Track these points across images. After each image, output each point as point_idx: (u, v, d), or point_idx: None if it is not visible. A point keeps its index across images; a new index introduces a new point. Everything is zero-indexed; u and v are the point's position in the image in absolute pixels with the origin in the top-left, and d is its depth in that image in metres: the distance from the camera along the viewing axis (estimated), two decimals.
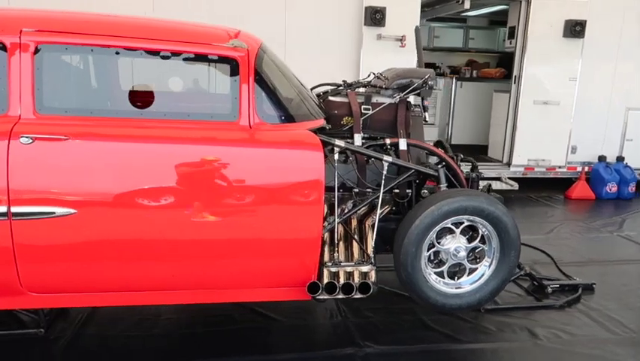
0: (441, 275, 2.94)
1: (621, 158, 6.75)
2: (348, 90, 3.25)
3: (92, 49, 2.33)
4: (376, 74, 3.39)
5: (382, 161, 2.84)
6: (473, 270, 2.97)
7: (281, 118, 2.55)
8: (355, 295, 2.51)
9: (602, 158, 6.69)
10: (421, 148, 3.15)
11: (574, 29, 6.23)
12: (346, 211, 2.89)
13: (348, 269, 2.71)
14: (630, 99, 6.70)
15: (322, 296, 2.48)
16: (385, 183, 2.90)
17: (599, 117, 6.68)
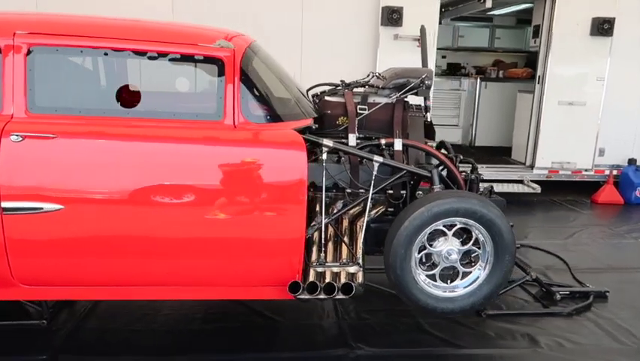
0: (433, 278, 2.89)
1: None
2: (345, 90, 3.23)
3: (82, 50, 2.40)
4: (376, 74, 3.36)
5: (373, 161, 2.81)
6: (467, 273, 2.90)
7: (267, 118, 2.57)
8: (337, 295, 2.49)
9: (632, 161, 6.41)
10: (417, 149, 3.10)
11: (601, 27, 6.00)
12: (335, 211, 2.87)
13: (334, 270, 2.70)
14: None
15: (303, 296, 2.48)
16: (377, 183, 2.87)
17: (629, 118, 6.40)
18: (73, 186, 2.34)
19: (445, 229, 2.82)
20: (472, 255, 2.94)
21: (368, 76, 3.39)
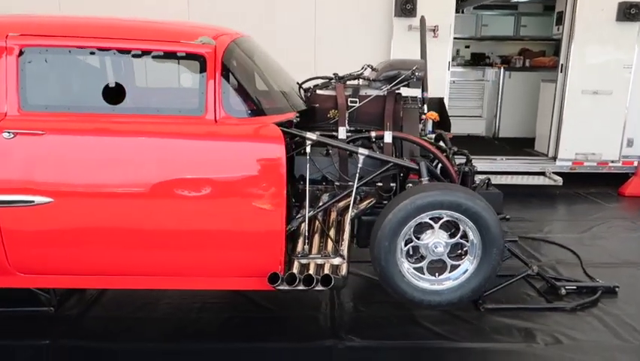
0: (421, 271, 2.87)
1: None
2: (336, 83, 3.24)
3: (70, 50, 2.51)
4: (370, 66, 3.35)
5: (357, 154, 2.82)
6: (456, 267, 2.87)
7: (249, 112, 2.61)
8: (317, 287, 2.52)
9: None
10: (408, 141, 3.08)
11: (628, 12, 5.73)
12: (321, 204, 2.90)
13: (318, 261, 2.73)
14: None
15: (282, 287, 2.52)
16: (364, 176, 2.87)
17: None
18: (62, 180, 2.46)
19: (432, 222, 2.80)
20: (463, 248, 2.91)
21: (363, 68, 3.38)
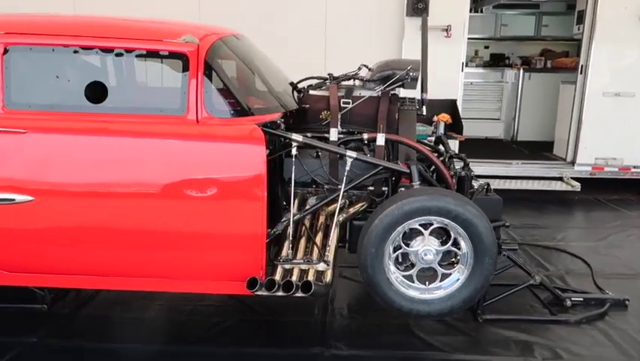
0: (411, 279, 2.77)
1: None
2: (330, 83, 3.15)
3: (54, 48, 2.50)
4: (366, 66, 3.26)
5: (346, 157, 2.73)
6: (447, 275, 2.76)
7: (232, 112, 2.56)
8: (297, 293, 2.45)
9: None
10: (401, 143, 2.98)
11: None
12: (307, 208, 2.82)
13: (302, 267, 2.65)
14: None
15: (261, 293, 2.45)
16: (354, 179, 2.79)
17: None
18: (42, 178, 2.45)
19: (422, 229, 2.69)
20: (457, 256, 2.79)
21: (359, 68, 3.29)
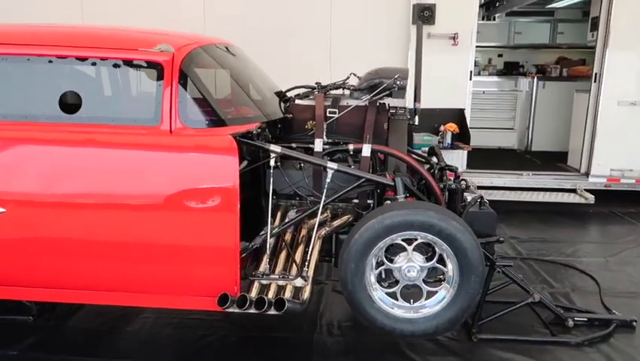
0: (395, 296, 2.64)
1: None
2: (318, 93, 3.07)
3: (28, 58, 2.48)
4: (355, 75, 3.16)
5: (327, 168, 2.63)
6: (433, 293, 2.62)
7: (207, 122, 2.49)
8: (269, 311, 2.35)
9: None
10: (388, 154, 2.87)
11: None
12: (287, 221, 2.73)
13: (280, 283, 2.56)
14: None
15: (232, 309, 2.36)
16: (336, 191, 2.69)
17: None
18: (14, 189, 2.41)
19: (405, 244, 2.57)
20: (444, 274, 2.65)
21: (348, 78, 3.20)
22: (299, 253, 2.67)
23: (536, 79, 7.14)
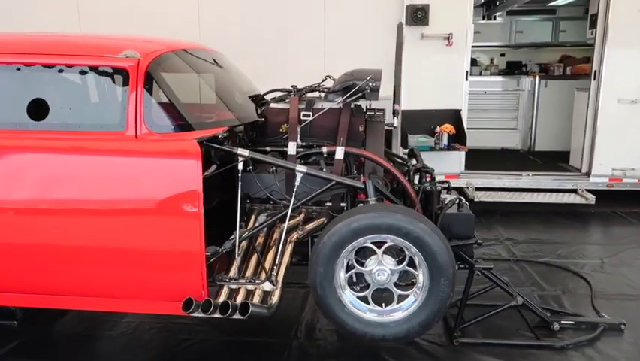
0: (366, 300, 2.60)
1: None
2: (293, 96, 3.05)
3: None
4: (330, 77, 3.14)
5: (296, 172, 2.61)
6: (404, 297, 2.58)
7: (173, 127, 2.50)
8: (234, 315, 2.33)
9: None
10: (363, 157, 2.83)
11: None
12: (256, 225, 2.71)
13: (249, 287, 2.54)
14: None
15: (197, 314, 2.35)
16: (307, 194, 2.67)
17: None
18: None
19: (375, 247, 2.53)
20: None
21: (324, 80, 3.17)
22: (270, 257, 2.65)
23: (538, 78, 7.02)
